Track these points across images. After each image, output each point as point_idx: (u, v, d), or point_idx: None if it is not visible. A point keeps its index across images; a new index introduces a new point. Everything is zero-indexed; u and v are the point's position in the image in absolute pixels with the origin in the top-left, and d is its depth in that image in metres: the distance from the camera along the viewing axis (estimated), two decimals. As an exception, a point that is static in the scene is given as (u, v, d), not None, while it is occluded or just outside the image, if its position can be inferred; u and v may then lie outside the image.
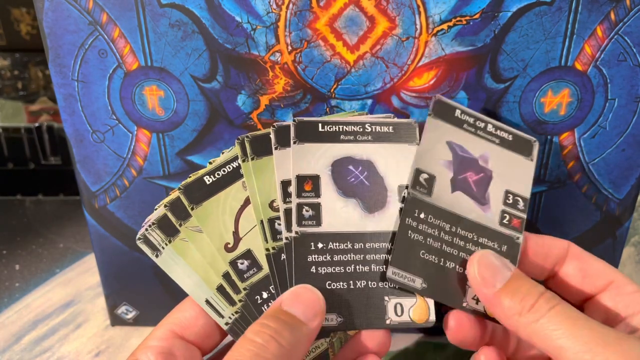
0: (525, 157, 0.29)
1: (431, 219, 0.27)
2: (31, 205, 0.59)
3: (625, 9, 0.28)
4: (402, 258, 0.26)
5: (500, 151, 0.29)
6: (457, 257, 0.27)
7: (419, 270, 0.26)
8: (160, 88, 0.31)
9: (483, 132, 0.29)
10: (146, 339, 0.26)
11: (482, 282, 0.25)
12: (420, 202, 0.27)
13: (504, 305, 0.24)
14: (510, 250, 0.27)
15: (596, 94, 0.30)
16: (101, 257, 0.38)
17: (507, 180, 0.28)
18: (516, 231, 0.28)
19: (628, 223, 0.35)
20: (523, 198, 0.28)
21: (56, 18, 0.30)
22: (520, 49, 0.29)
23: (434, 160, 0.28)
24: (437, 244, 0.27)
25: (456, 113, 0.29)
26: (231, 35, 0.29)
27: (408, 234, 0.26)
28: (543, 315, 0.23)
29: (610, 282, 0.26)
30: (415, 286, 0.26)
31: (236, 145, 0.28)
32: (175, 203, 0.27)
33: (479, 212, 0.28)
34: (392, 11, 0.28)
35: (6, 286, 0.46)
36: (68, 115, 0.32)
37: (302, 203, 0.27)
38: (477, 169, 0.28)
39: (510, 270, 0.25)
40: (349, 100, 0.31)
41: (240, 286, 0.27)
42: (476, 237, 0.27)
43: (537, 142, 0.30)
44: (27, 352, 0.39)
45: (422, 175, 0.27)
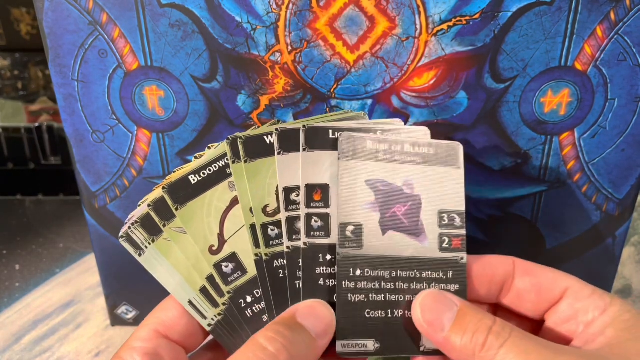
0: (451, 167, 0.27)
1: (368, 272, 0.25)
2: (31, 205, 0.59)
3: (625, 9, 0.28)
4: (347, 327, 0.25)
5: (424, 170, 0.27)
6: (404, 302, 0.26)
7: (368, 332, 0.25)
8: (160, 88, 0.31)
9: (401, 155, 0.27)
10: (130, 340, 0.26)
11: (430, 327, 0.24)
12: (353, 258, 0.25)
13: (457, 347, 0.23)
14: (456, 274, 0.26)
15: (596, 94, 0.30)
16: (101, 257, 0.38)
17: (438, 199, 0.27)
18: (459, 251, 0.26)
19: (628, 223, 0.35)
20: (458, 213, 0.27)
21: (56, 18, 0.30)
22: (520, 49, 0.29)
23: (356, 207, 0.26)
24: (380, 296, 0.25)
25: (367, 145, 0.26)
26: (231, 35, 0.29)
27: (348, 299, 0.25)
28: (496, 354, 0.22)
29: (565, 289, 0.26)
30: (369, 350, 0.25)
31: (225, 145, 0.27)
32: (159, 203, 0.27)
33: (415, 245, 0.26)
34: (392, 11, 0.28)
35: (6, 286, 0.46)
36: (68, 115, 0.32)
37: (311, 213, 0.26)
38: (404, 199, 0.26)
39: (456, 306, 0.24)
40: (349, 100, 0.31)
41: (224, 289, 0.27)
42: (418, 273, 0.26)
43: (460, 146, 0.27)
44: (27, 352, 0.39)
45: (347, 228, 0.25)
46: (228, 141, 0.27)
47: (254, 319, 0.27)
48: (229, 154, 0.27)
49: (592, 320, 0.24)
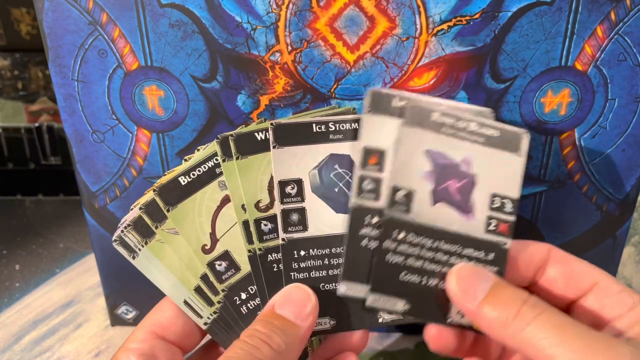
0: (513, 153, 0.27)
1: (411, 237, 0.26)
2: (31, 205, 0.59)
3: (625, 9, 0.28)
4: (381, 283, 0.25)
5: (485, 151, 0.27)
6: (439, 273, 0.26)
7: (400, 292, 0.25)
8: (160, 88, 0.31)
9: (465, 133, 0.27)
10: (126, 341, 0.26)
11: (463, 295, 0.24)
12: (399, 221, 0.25)
13: (488, 316, 0.23)
14: (497, 258, 0.26)
15: (596, 94, 0.30)
16: (101, 257, 0.38)
17: (493, 182, 0.27)
18: (503, 237, 0.26)
19: (628, 223, 0.35)
20: (511, 199, 0.27)
21: (56, 18, 0.30)
22: (520, 49, 0.29)
23: (411, 174, 0.26)
24: (418, 263, 0.26)
25: (433, 117, 0.26)
26: (231, 35, 0.29)
27: (386, 259, 0.25)
28: (529, 323, 0.22)
29: (594, 284, 0.26)
30: (397, 309, 0.25)
31: (215, 145, 0.27)
32: (150, 205, 0.27)
33: (462, 221, 0.26)
34: (392, 11, 0.28)
35: (6, 286, 0.46)
36: (68, 115, 0.32)
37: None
38: (460, 175, 0.26)
39: (491, 279, 0.24)
40: (349, 100, 0.31)
41: (218, 287, 0.27)
42: (460, 249, 0.26)
43: (526, 134, 0.27)
44: (27, 352, 0.39)
45: (398, 192, 0.26)
46: (218, 140, 0.27)
47: (249, 315, 0.27)
48: (219, 153, 0.27)
49: (619, 316, 0.24)
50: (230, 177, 0.27)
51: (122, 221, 0.28)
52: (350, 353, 0.27)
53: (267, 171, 0.27)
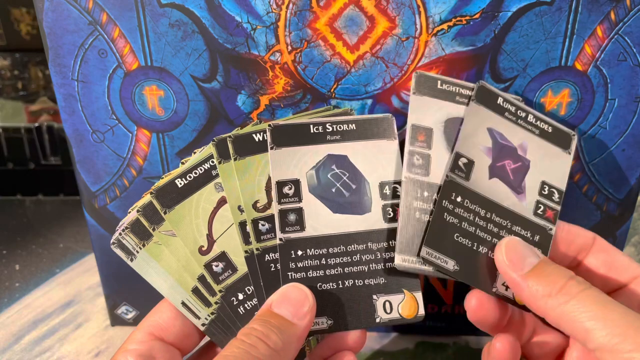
0: (563, 149, 0.29)
1: (467, 203, 0.27)
2: (31, 205, 0.59)
3: (625, 9, 0.28)
4: (436, 239, 0.26)
5: (539, 142, 0.29)
6: (489, 242, 0.27)
7: (452, 253, 0.26)
8: (160, 88, 0.31)
9: (523, 122, 0.29)
10: (125, 343, 0.26)
11: (510, 265, 0.25)
12: (458, 185, 0.27)
13: (532, 288, 0.24)
14: (542, 241, 0.28)
15: (596, 94, 0.30)
16: (101, 257, 0.38)
17: (544, 171, 0.29)
18: (549, 222, 0.28)
19: (628, 223, 0.35)
20: (559, 190, 0.29)
21: (56, 18, 0.30)
22: (520, 49, 0.29)
23: (474, 146, 0.28)
24: (471, 228, 0.27)
25: (498, 100, 0.29)
26: (231, 35, 0.29)
27: (443, 216, 0.27)
28: (572, 298, 0.22)
29: (635, 277, 0.26)
30: (448, 267, 0.26)
31: (211, 147, 0.28)
32: (147, 207, 0.27)
33: (514, 200, 0.28)
34: (392, 11, 0.28)
35: (6, 286, 0.46)
36: (68, 115, 0.32)
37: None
38: (516, 157, 0.29)
39: (538, 257, 0.25)
40: (349, 100, 0.31)
41: (215, 288, 0.27)
42: (510, 224, 0.27)
43: (575, 136, 0.30)
44: (27, 352, 0.39)
45: (461, 159, 0.28)
46: (214, 142, 0.28)
47: (247, 316, 0.27)
48: (214, 155, 0.28)
49: None
50: (226, 178, 0.27)
51: (120, 224, 0.28)
52: (349, 352, 0.27)
53: (265, 172, 0.28)
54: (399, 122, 0.32)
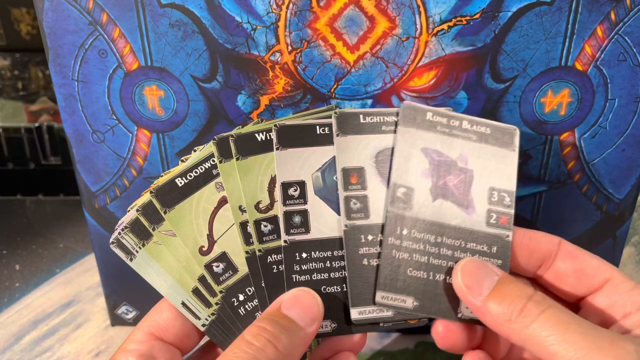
0: (506, 148, 0.28)
1: (414, 233, 0.26)
2: (31, 205, 0.59)
3: (625, 9, 0.28)
4: (389, 280, 0.26)
5: (480, 147, 0.27)
6: (446, 267, 0.26)
7: (409, 289, 0.26)
8: (160, 88, 0.31)
9: (458, 131, 0.27)
10: (125, 342, 0.26)
11: (468, 291, 0.24)
12: (402, 217, 0.26)
13: (493, 312, 0.23)
14: (500, 250, 0.27)
15: (596, 94, 0.30)
16: (101, 257, 0.38)
17: (489, 177, 0.27)
18: (505, 229, 0.27)
19: (628, 223, 0.35)
20: (509, 192, 0.27)
21: (56, 18, 0.30)
22: (520, 49, 0.29)
23: (410, 172, 0.27)
24: (423, 258, 0.26)
25: (427, 116, 0.27)
26: (231, 35, 0.29)
27: (392, 254, 0.26)
28: (534, 320, 0.22)
29: (606, 280, 0.26)
30: (407, 306, 0.26)
31: (212, 146, 0.27)
32: (147, 207, 0.27)
33: (463, 216, 0.27)
34: (392, 11, 0.28)
35: (6, 286, 0.46)
36: (68, 115, 0.32)
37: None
38: (457, 171, 0.27)
39: (497, 275, 0.24)
40: (349, 100, 0.31)
41: (216, 289, 0.27)
42: (464, 243, 0.26)
43: (517, 130, 0.28)
44: (27, 352, 0.39)
45: (399, 189, 0.26)
46: (214, 141, 0.27)
47: (247, 317, 0.27)
48: (215, 154, 0.27)
49: (628, 313, 0.24)
50: (227, 178, 0.27)
51: (119, 223, 0.28)
52: (349, 353, 0.27)
53: (268, 172, 0.27)
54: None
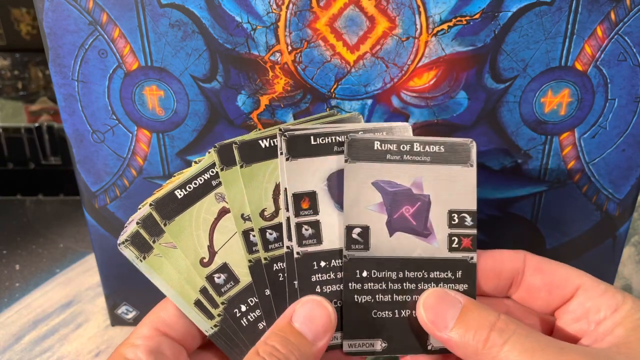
0: (462, 165, 0.26)
1: (375, 273, 0.25)
2: (31, 205, 0.59)
3: (625, 9, 0.28)
4: (354, 327, 0.25)
5: (434, 169, 0.26)
6: (411, 302, 0.26)
7: (376, 332, 0.25)
8: (160, 88, 0.31)
9: (410, 155, 0.26)
10: (130, 337, 0.26)
11: (433, 326, 0.24)
12: (359, 260, 0.25)
13: (460, 344, 0.23)
14: (465, 274, 0.26)
15: (596, 94, 0.30)
16: (101, 257, 0.38)
17: (448, 199, 0.26)
18: (468, 251, 0.26)
19: (628, 223, 0.35)
20: (469, 212, 0.26)
21: (56, 18, 0.30)
22: (520, 49, 0.29)
23: (363, 210, 0.26)
24: (387, 297, 0.25)
25: (375, 146, 0.26)
26: (231, 35, 0.29)
27: (354, 299, 0.25)
28: (499, 351, 0.22)
29: (577, 288, 0.26)
30: (376, 349, 0.25)
31: (212, 154, 0.27)
32: (147, 220, 0.27)
33: (424, 246, 0.26)
34: (392, 11, 0.28)
35: (6, 286, 0.46)
36: (68, 115, 0.32)
37: (301, 222, 0.26)
38: (412, 199, 0.26)
39: (460, 303, 0.24)
40: (349, 100, 0.31)
41: (217, 300, 0.27)
42: (426, 273, 0.26)
43: (473, 142, 0.27)
44: (27, 352, 0.39)
45: (354, 230, 0.26)
46: (215, 149, 0.27)
47: (250, 328, 0.27)
48: (217, 162, 0.27)
49: (603, 318, 0.24)
50: (229, 186, 0.27)
51: (121, 233, 0.28)
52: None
53: (272, 179, 0.27)
54: (399, 122, 0.32)
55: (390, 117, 0.31)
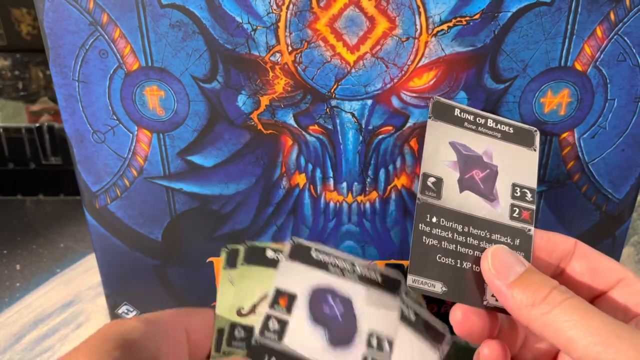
0: (527, 148, 0.29)
1: (443, 222, 0.27)
2: (32, 205, 0.59)
3: (624, 10, 0.28)
4: (419, 264, 0.26)
5: (503, 145, 0.29)
6: (472, 256, 0.27)
7: (438, 274, 0.26)
8: (160, 88, 0.31)
9: (484, 128, 0.29)
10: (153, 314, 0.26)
11: (496, 274, 0.25)
12: (431, 206, 0.27)
13: (516, 297, 0.24)
14: (523, 243, 0.28)
15: (596, 94, 0.31)
16: (102, 257, 0.38)
17: (512, 173, 0.29)
18: (527, 223, 0.28)
19: (627, 223, 0.35)
20: (530, 189, 0.29)
21: (57, 18, 0.30)
22: (520, 49, 0.29)
23: (439, 163, 0.28)
24: (451, 246, 0.27)
25: (455, 112, 0.29)
26: (231, 35, 0.29)
27: (422, 240, 0.27)
28: (555, 307, 0.23)
29: (619, 280, 0.26)
30: (436, 290, 0.26)
31: (222, 253, 0.29)
32: (233, 251, 0.29)
33: (488, 208, 0.28)
34: (392, 11, 0.28)
35: (7, 286, 0.46)
36: (69, 116, 0.32)
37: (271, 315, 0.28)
38: (483, 165, 0.29)
39: (524, 266, 0.25)
40: (349, 100, 0.31)
41: (224, 347, 0.28)
42: (489, 234, 0.27)
43: (537, 132, 0.30)
44: (27, 352, 0.39)
45: (429, 179, 0.28)
46: (226, 251, 0.29)
47: None
48: (223, 262, 0.29)
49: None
50: (223, 284, 0.29)
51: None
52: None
53: (264, 287, 0.29)
54: (399, 122, 0.32)
55: (390, 117, 0.31)
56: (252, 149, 0.33)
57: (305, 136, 0.32)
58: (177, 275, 0.38)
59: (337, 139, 0.32)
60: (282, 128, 0.32)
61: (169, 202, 0.35)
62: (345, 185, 0.34)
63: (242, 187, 0.34)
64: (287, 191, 0.34)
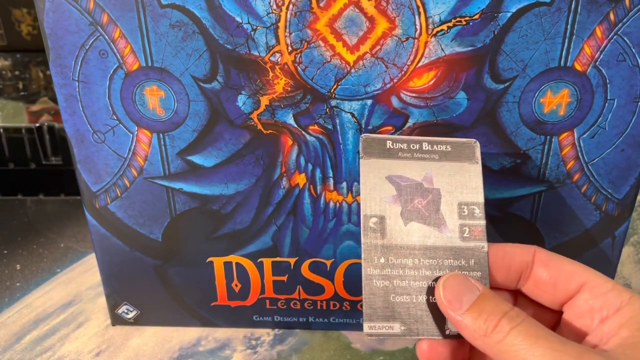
0: (469, 162, 0.29)
1: (392, 260, 0.27)
2: (32, 205, 0.59)
3: (624, 10, 0.28)
4: (373, 310, 0.26)
5: (442, 165, 0.29)
6: (427, 287, 0.27)
7: (394, 315, 0.26)
8: (160, 88, 0.31)
9: (420, 153, 0.29)
10: None
11: (448, 305, 0.25)
12: (377, 247, 0.27)
13: (469, 327, 0.24)
14: (478, 262, 0.27)
15: (595, 94, 0.31)
16: (102, 256, 0.38)
17: (456, 192, 0.28)
18: (480, 240, 0.28)
19: (627, 223, 0.35)
20: (478, 204, 0.28)
21: (57, 18, 0.30)
22: (519, 50, 0.29)
23: (379, 201, 0.28)
24: (404, 282, 0.27)
25: (387, 145, 0.29)
26: (231, 35, 0.29)
27: (373, 283, 0.26)
28: (506, 335, 0.23)
29: (582, 284, 0.26)
30: (395, 332, 0.26)
31: None
32: None
33: (436, 234, 0.27)
34: (392, 12, 0.29)
35: (7, 286, 0.46)
36: (69, 116, 0.33)
37: None
38: (424, 192, 0.28)
39: (478, 290, 0.25)
40: (349, 100, 0.31)
41: None
42: (441, 261, 0.27)
43: (477, 143, 0.29)
44: (28, 352, 0.39)
45: (371, 219, 0.27)
46: None
47: None
48: None
49: (606, 317, 0.24)
50: None
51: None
52: None
53: None
54: (399, 122, 0.32)
55: (390, 117, 0.31)
56: (252, 149, 0.33)
57: (305, 136, 0.32)
58: (177, 275, 0.38)
59: (337, 139, 0.32)
60: (282, 128, 0.32)
61: (169, 202, 0.35)
62: (345, 185, 0.34)
63: (242, 187, 0.34)
64: (287, 191, 0.34)
